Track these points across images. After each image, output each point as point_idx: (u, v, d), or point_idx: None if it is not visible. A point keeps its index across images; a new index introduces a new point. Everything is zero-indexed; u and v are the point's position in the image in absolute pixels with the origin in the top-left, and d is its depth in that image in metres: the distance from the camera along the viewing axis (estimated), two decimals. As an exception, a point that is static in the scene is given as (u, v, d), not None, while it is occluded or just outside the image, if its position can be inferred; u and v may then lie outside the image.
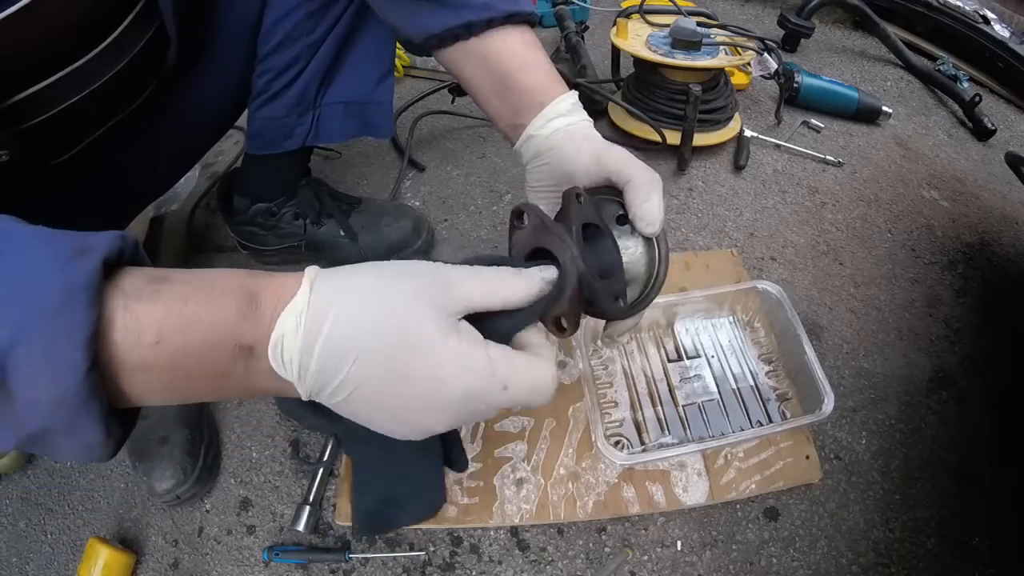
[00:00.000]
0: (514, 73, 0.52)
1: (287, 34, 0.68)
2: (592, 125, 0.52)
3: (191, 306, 0.30)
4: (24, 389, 0.26)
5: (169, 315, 0.29)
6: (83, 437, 0.28)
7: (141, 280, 0.29)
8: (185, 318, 0.29)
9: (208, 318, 0.30)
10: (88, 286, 0.27)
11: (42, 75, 0.45)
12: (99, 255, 0.28)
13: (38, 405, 0.27)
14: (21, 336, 0.26)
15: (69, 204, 0.57)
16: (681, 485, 0.69)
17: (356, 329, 0.31)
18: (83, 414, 0.28)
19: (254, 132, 0.77)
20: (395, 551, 0.67)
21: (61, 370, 0.26)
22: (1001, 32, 1.29)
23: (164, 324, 0.29)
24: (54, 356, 0.26)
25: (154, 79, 0.59)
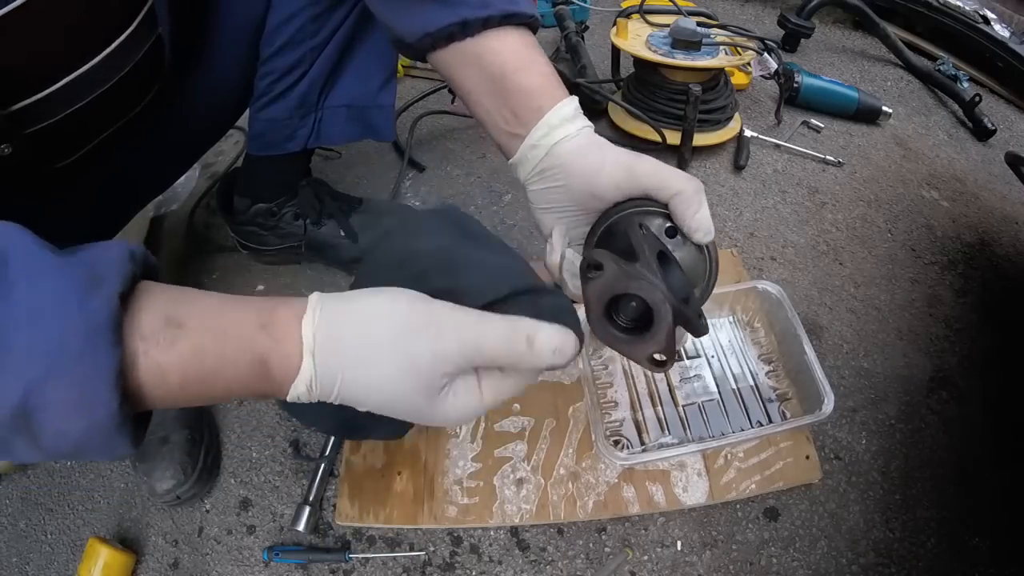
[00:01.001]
0: (511, 75, 0.48)
1: (291, 37, 0.68)
2: (592, 130, 0.49)
3: (208, 362, 0.32)
4: (53, 427, 0.28)
5: (189, 367, 0.31)
6: (113, 452, 0.30)
7: (156, 322, 0.31)
8: (204, 371, 0.32)
9: (226, 375, 0.33)
10: (109, 327, 0.28)
11: (47, 81, 0.45)
12: (114, 288, 0.29)
13: (66, 436, 0.28)
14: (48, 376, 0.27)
15: (69, 203, 0.57)
16: (681, 485, 0.69)
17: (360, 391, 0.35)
18: (116, 438, 0.30)
19: (255, 133, 0.77)
20: (395, 551, 0.67)
21: (92, 407, 0.28)
22: (1001, 32, 1.29)
23: (185, 373, 0.31)
24: (84, 395, 0.28)
25: (157, 82, 0.59)
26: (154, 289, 0.32)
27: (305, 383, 0.34)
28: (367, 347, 0.35)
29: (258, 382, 0.34)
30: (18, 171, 0.48)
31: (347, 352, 0.34)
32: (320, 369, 0.34)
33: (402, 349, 0.34)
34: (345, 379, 0.34)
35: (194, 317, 0.32)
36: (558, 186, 0.47)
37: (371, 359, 0.34)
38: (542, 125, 0.47)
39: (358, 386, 0.35)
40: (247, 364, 0.33)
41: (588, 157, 0.46)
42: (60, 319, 0.27)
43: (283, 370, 0.34)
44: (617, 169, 0.44)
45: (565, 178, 0.47)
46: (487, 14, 0.48)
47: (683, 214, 0.42)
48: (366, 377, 0.35)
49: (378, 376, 0.35)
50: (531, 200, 0.51)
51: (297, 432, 0.77)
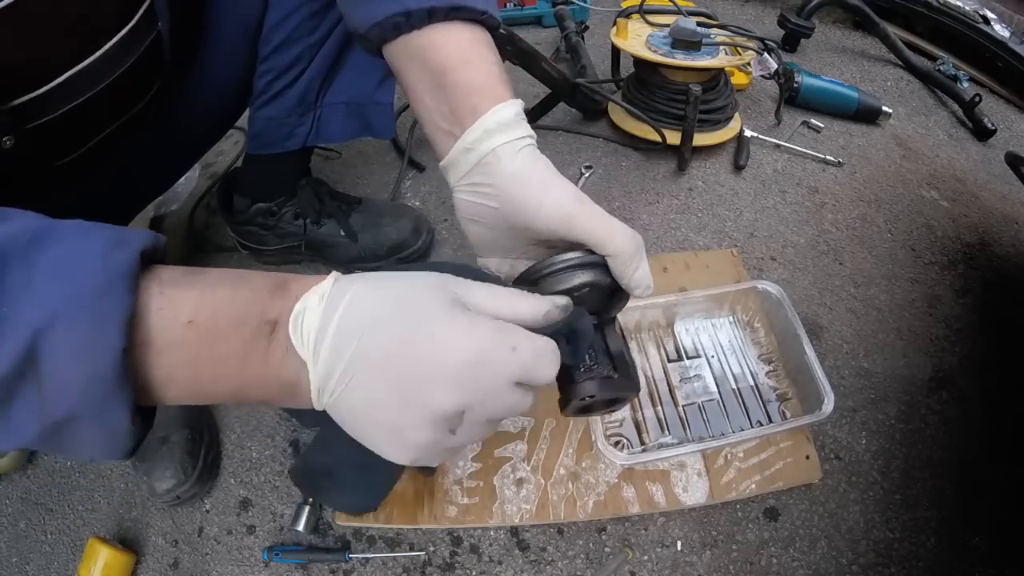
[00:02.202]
0: (451, 71, 0.44)
1: (289, 35, 0.68)
2: (535, 146, 0.43)
3: (224, 290, 0.32)
4: (56, 370, 0.28)
5: (203, 297, 0.32)
6: (110, 424, 0.30)
7: (177, 272, 0.32)
8: (218, 298, 0.32)
9: (239, 297, 0.33)
10: (128, 273, 0.29)
11: (47, 77, 0.45)
12: (137, 247, 0.30)
13: (68, 388, 0.28)
14: (58, 318, 0.27)
15: (70, 202, 0.57)
16: (681, 485, 0.69)
17: (370, 304, 0.33)
18: (113, 397, 0.29)
19: (255, 132, 0.77)
20: (395, 551, 0.67)
21: (97, 350, 0.28)
22: (1001, 32, 1.29)
23: (198, 304, 0.31)
24: (92, 336, 0.28)
25: (157, 79, 0.59)
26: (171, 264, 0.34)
27: (319, 294, 0.33)
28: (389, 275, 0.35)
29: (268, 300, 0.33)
30: (18, 168, 0.48)
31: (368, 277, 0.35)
32: (339, 282, 0.34)
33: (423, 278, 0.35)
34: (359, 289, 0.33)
35: (215, 269, 0.34)
36: (491, 206, 0.44)
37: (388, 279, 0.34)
38: (477, 127, 0.42)
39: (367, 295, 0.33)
40: (263, 284, 0.34)
41: (528, 190, 0.41)
42: (83, 268, 0.29)
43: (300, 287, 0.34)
44: (555, 215, 0.41)
45: (499, 202, 0.43)
46: (431, 5, 0.45)
47: (622, 273, 0.41)
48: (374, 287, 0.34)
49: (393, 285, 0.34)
50: (458, 208, 0.46)
51: (297, 432, 0.77)
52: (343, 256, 0.89)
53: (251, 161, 0.83)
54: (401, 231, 0.90)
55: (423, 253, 0.93)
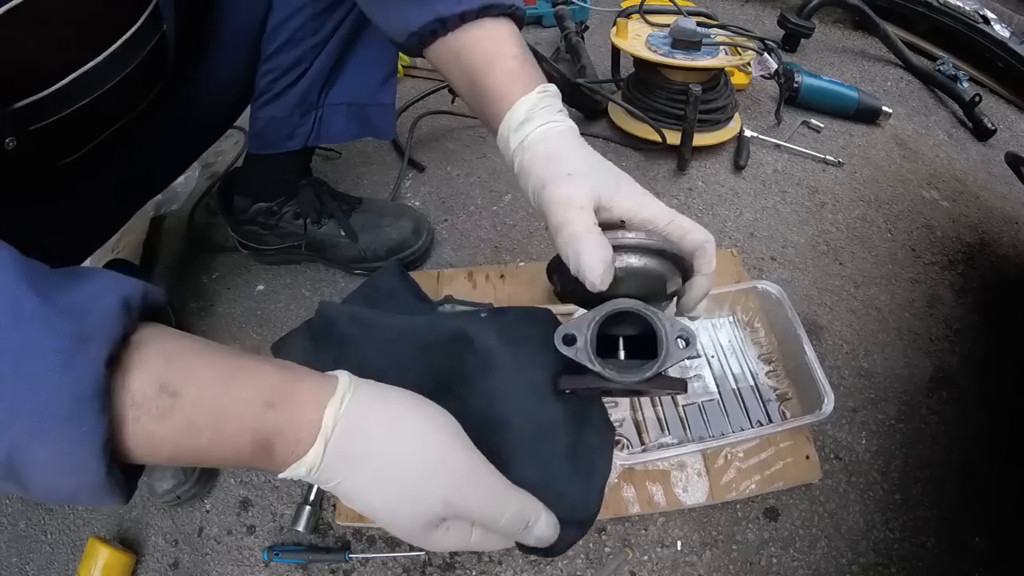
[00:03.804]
0: (480, 75, 0.47)
1: (292, 35, 0.68)
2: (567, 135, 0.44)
3: (203, 440, 0.30)
4: (40, 483, 0.27)
5: (182, 441, 0.30)
6: (103, 504, 0.31)
7: (149, 388, 0.29)
8: (198, 448, 0.31)
9: (221, 452, 0.31)
10: (95, 395, 0.27)
11: (52, 78, 0.45)
12: (103, 350, 0.27)
13: (58, 491, 0.28)
14: (32, 440, 0.26)
15: (71, 201, 0.57)
16: (681, 485, 0.69)
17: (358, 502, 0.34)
18: (105, 496, 0.29)
19: (256, 131, 0.77)
20: (395, 551, 0.67)
21: (79, 471, 0.27)
22: (1001, 32, 1.29)
23: (177, 447, 0.30)
24: (71, 459, 0.27)
25: (161, 80, 0.59)
26: (151, 342, 0.30)
27: (307, 468, 0.33)
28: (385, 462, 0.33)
29: (256, 460, 0.32)
30: (20, 168, 0.47)
31: (362, 457, 0.33)
32: (328, 461, 0.33)
33: (418, 483, 0.34)
34: (346, 482, 0.33)
35: (191, 386, 0.30)
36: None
37: (383, 477, 0.34)
38: (501, 131, 0.46)
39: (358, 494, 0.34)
40: (246, 443, 0.32)
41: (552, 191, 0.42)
42: (45, 380, 0.26)
43: (287, 452, 0.33)
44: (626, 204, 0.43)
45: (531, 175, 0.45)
46: (462, 9, 0.47)
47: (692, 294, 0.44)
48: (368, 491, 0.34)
49: (382, 495, 0.34)
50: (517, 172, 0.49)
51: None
52: (343, 256, 0.89)
53: (252, 161, 0.83)
54: (401, 231, 0.90)
55: (423, 253, 0.93)
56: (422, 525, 0.35)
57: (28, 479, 0.27)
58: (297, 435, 0.32)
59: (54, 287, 0.28)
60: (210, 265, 0.97)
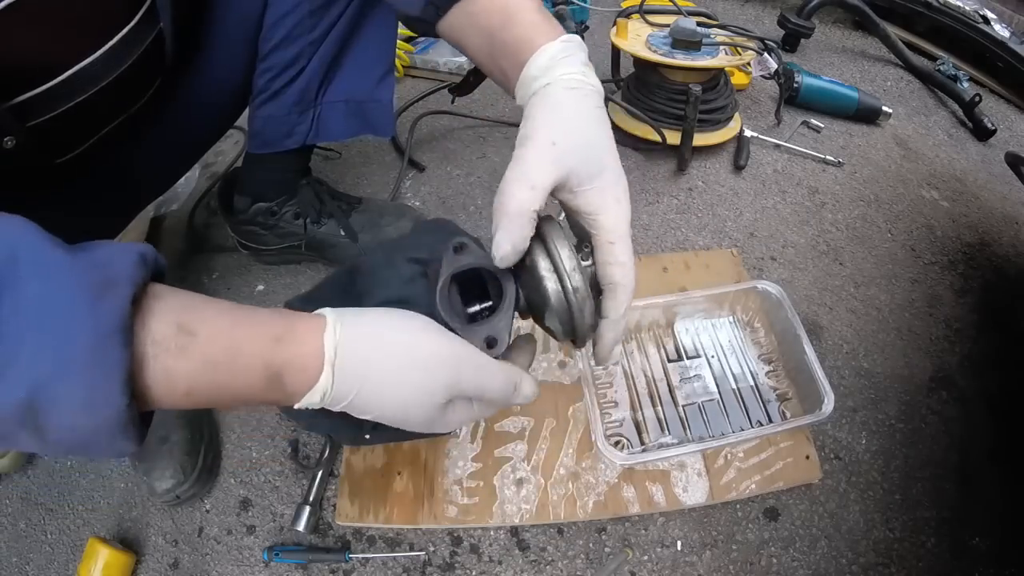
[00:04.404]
0: (500, 31, 0.47)
1: (288, 32, 0.68)
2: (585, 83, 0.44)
3: (219, 374, 0.32)
4: (59, 423, 0.28)
5: (198, 376, 0.32)
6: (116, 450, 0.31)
7: (168, 328, 0.31)
8: (214, 383, 0.33)
9: (235, 385, 0.33)
10: (120, 329, 0.28)
11: (50, 74, 0.45)
12: (126, 291, 0.29)
13: (73, 432, 0.28)
14: (57, 376, 0.27)
15: (70, 202, 0.57)
16: (681, 485, 0.69)
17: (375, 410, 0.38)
18: (120, 437, 0.30)
19: (255, 131, 0.77)
20: (395, 551, 0.67)
21: (100, 407, 0.28)
22: (1001, 32, 1.29)
23: (194, 382, 0.32)
24: (93, 395, 0.28)
25: (158, 78, 0.59)
26: (166, 293, 0.32)
27: (320, 393, 0.35)
28: (388, 369, 0.37)
29: (268, 392, 0.35)
30: (19, 166, 0.48)
31: (368, 370, 0.36)
32: (338, 381, 0.36)
33: (420, 378, 0.37)
34: (361, 393, 0.36)
35: (206, 325, 0.32)
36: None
37: (390, 381, 0.37)
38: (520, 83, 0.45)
39: (372, 402, 0.37)
40: (259, 375, 0.34)
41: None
42: (71, 320, 0.27)
43: (298, 381, 0.35)
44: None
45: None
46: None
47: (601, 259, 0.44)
48: (380, 396, 0.37)
49: (393, 396, 0.37)
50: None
51: (297, 432, 0.77)
52: (343, 256, 0.89)
53: (251, 160, 0.83)
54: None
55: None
56: (432, 413, 0.39)
57: (47, 421, 0.28)
58: (304, 364, 0.35)
59: (75, 248, 0.30)
60: (210, 265, 0.97)
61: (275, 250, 0.91)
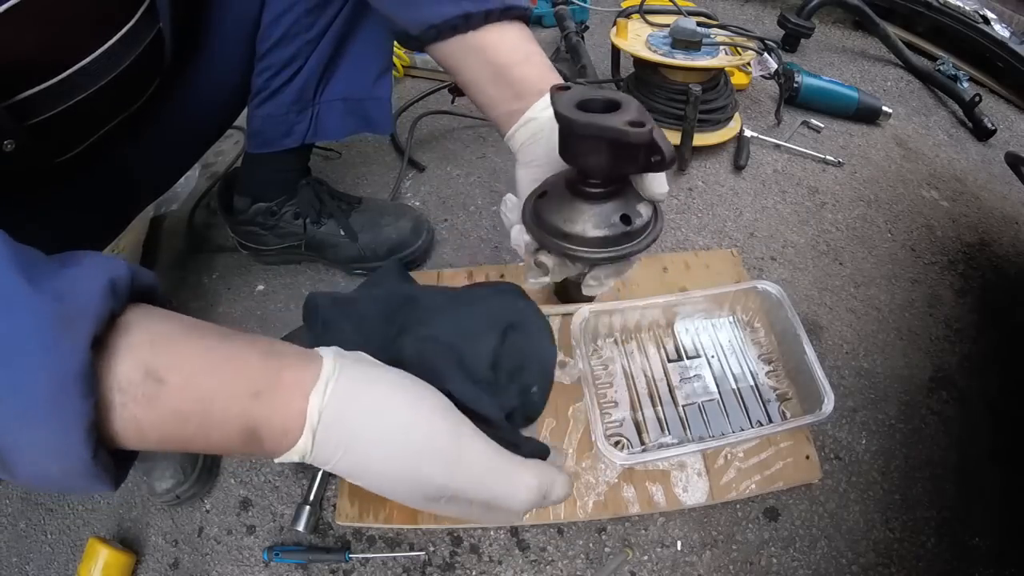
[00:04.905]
0: (513, 67, 0.54)
1: (285, 31, 0.68)
2: None
3: (190, 427, 0.30)
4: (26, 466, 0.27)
5: (169, 428, 0.29)
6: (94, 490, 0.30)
7: (134, 373, 0.28)
8: (186, 435, 0.30)
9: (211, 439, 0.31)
10: (80, 376, 0.26)
11: (49, 73, 0.45)
12: (87, 331, 0.26)
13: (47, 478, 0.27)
14: (18, 426, 0.26)
15: (70, 203, 0.57)
16: (681, 485, 0.69)
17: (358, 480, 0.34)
18: (93, 482, 0.28)
19: (253, 130, 0.77)
20: (395, 551, 0.67)
21: (66, 457, 0.26)
22: (1001, 32, 1.29)
23: (165, 434, 0.30)
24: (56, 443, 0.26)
25: (156, 78, 0.59)
26: (136, 327, 0.30)
27: (299, 455, 0.33)
28: (373, 447, 0.33)
29: (247, 446, 0.32)
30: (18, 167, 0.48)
31: (354, 442, 0.33)
32: (319, 447, 0.32)
33: (408, 467, 0.33)
34: (342, 464, 0.33)
35: (178, 372, 0.29)
36: (542, 140, 0.54)
37: (373, 459, 0.33)
38: (541, 103, 0.53)
39: (355, 474, 0.34)
40: (235, 431, 0.31)
41: None
42: (29, 361, 0.25)
43: (277, 441, 0.32)
44: None
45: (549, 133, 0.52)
46: (488, 8, 0.52)
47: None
48: (365, 472, 0.34)
49: (378, 477, 0.34)
50: (517, 159, 0.57)
51: (297, 432, 0.77)
52: (343, 256, 0.89)
53: (251, 160, 0.83)
54: (401, 231, 0.90)
55: (423, 253, 0.93)
56: (422, 500, 0.35)
57: (14, 464, 0.26)
58: (284, 426, 0.32)
59: (43, 271, 0.28)
60: (210, 265, 0.97)
61: (275, 250, 0.91)
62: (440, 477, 0.34)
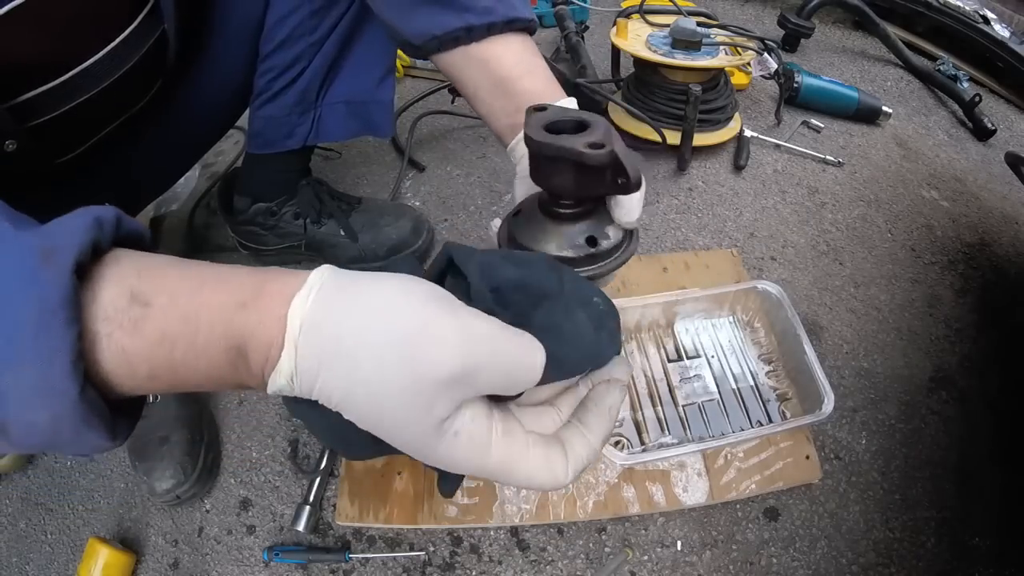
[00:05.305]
0: (516, 79, 0.53)
1: (289, 33, 0.68)
2: None
3: (178, 352, 0.28)
4: (18, 415, 0.25)
5: (157, 356, 0.27)
6: (88, 444, 0.27)
7: (120, 299, 0.27)
8: (175, 362, 0.28)
9: (199, 367, 0.28)
10: (62, 303, 0.24)
11: (53, 73, 0.45)
12: (68, 259, 0.25)
13: (36, 427, 0.25)
14: (5, 363, 0.24)
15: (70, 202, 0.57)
16: (681, 485, 0.69)
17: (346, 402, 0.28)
18: (85, 429, 0.26)
19: (255, 131, 0.77)
20: (395, 551, 0.67)
21: (52, 395, 0.25)
22: (1001, 32, 1.29)
23: (153, 363, 0.27)
24: (42, 382, 0.25)
25: (159, 79, 0.59)
26: (123, 259, 0.28)
27: (285, 376, 0.28)
28: (357, 351, 0.27)
29: (235, 373, 0.29)
30: (19, 167, 0.48)
31: (338, 349, 0.28)
32: (300, 362, 0.28)
33: (411, 355, 0.27)
34: (328, 381, 0.28)
35: (163, 294, 0.27)
36: None
37: (365, 362, 0.27)
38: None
39: (340, 398, 0.28)
40: (221, 352, 0.28)
41: None
42: (12, 295, 0.24)
43: (261, 355, 0.28)
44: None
45: None
46: (491, 20, 0.52)
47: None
48: (354, 384, 0.27)
49: (374, 386, 0.27)
50: (517, 171, 0.55)
51: (297, 432, 0.77)
52: (343, 256, 0.89)
53: (251, 161, 0.83)
54: (401, 231, 0.90)
55: (423, 253, 0.93)
56: (425, 424, 0.28)
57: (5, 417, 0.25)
58: (268, 338, 0.28)
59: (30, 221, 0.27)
60: (210, 265, 0.97)
61: (275, 250, 0.91)
62: (447, 358, 0.27)
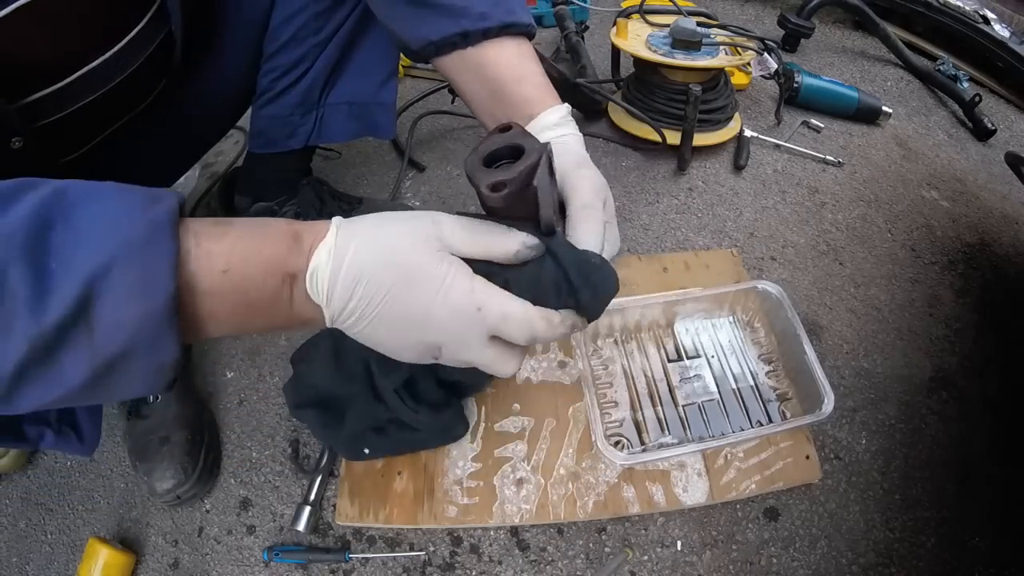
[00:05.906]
0: (507, 85, 0.53)
1: (294, 34, 0.68)
2: (581, 140, 0.51)
3: (252, 241, 0.36)
4: (111, 313, 0.30)
5: (235, 249, 0.35)
6: (159, 357, 0.33)
7: (206, 223, 0.35)
8: (247, 251, 0.35)
9: (265, 251, 0.36)
10: (169, 222, 0.32)
11: (60, 74, 0.45)
12: (171, 201, 0.34)
13: (122, 327, 0.31)
14: (113, 264, 0.30)
15: None
16: (681, 485, 0.69)
17: (366, 258, 0.37)
18: (165, 332, 0.32)
19: (257, 130, 0.77)
20: (395, 551, 0.67)
21: (151, 290, 0.31)
22: (1001, 32, 1.29)
23: (231, 256, 0.35)
24: (146, 278, 0.31)
25: (164, 79, 0.59)
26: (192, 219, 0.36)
27: (327, 249, 0.37)
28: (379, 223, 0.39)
29: (288, 255, 0.37)
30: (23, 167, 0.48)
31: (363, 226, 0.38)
32: (340, 235, 0.38)
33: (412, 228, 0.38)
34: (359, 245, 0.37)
35: (237, 220, 0.37)
36: None
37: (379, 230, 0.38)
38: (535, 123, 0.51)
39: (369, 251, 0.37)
40: (284, 237, 0.37)
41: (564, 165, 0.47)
42: (127, 219, 0.31)
43: (312, 237, 0.37)
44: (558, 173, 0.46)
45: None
46: (486, 26, 0.51)
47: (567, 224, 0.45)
48: (375, 240, 0.38)
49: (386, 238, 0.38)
50: None
51: (297, 432, 0.77)
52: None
53: (252, 160, 0.83)
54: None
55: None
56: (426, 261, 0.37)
57: (98, 312, 0.30)
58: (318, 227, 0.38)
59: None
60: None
61: (275, 250, 0.91)
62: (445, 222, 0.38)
